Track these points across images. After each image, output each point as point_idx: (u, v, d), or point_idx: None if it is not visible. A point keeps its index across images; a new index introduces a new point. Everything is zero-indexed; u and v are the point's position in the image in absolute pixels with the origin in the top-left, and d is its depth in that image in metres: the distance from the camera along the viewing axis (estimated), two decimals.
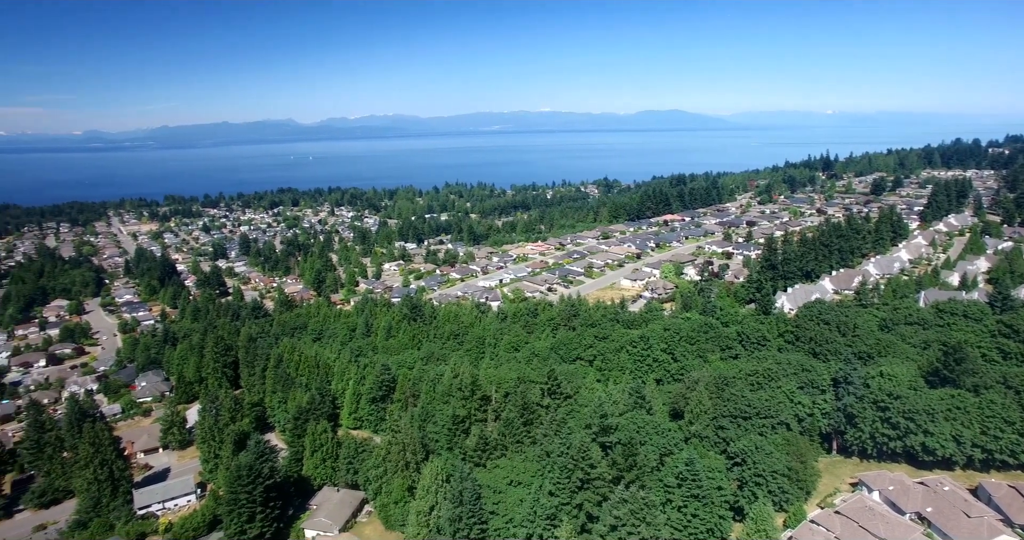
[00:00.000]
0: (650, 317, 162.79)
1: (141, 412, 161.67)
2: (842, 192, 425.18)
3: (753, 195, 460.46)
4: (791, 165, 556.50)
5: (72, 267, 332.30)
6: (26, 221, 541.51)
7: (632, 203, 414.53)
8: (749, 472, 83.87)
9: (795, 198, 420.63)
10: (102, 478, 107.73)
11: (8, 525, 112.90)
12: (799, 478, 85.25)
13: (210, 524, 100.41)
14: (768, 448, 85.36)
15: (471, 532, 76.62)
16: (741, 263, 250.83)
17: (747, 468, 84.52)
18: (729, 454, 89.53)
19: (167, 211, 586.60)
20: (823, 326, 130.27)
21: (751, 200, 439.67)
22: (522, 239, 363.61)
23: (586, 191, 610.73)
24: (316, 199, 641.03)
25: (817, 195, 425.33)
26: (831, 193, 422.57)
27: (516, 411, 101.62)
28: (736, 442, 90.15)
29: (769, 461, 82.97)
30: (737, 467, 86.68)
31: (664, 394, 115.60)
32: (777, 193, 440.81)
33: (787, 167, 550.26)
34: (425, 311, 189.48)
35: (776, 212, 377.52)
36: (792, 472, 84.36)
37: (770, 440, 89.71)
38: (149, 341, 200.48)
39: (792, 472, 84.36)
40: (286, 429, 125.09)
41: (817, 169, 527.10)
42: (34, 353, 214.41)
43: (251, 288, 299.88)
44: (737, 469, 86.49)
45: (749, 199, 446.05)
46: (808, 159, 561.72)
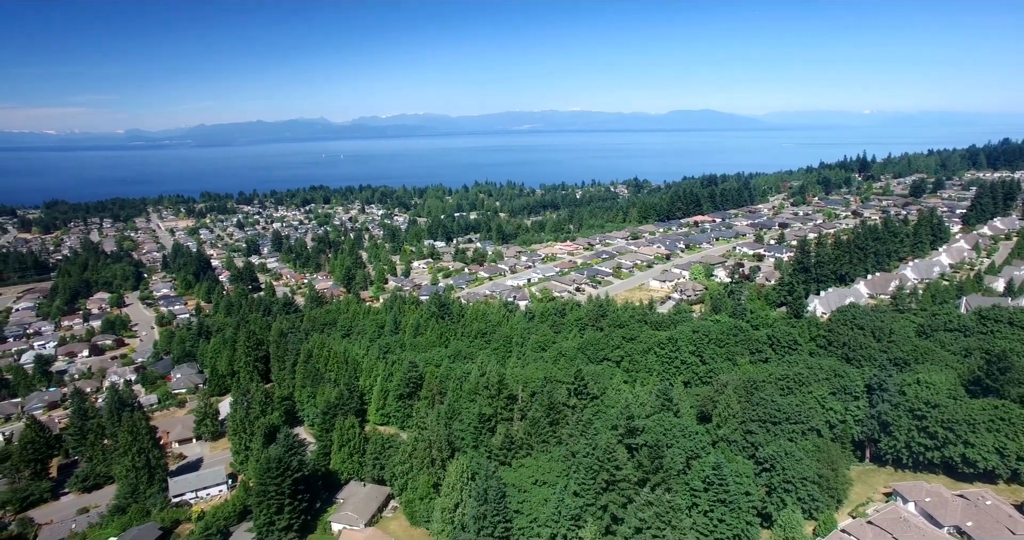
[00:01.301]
0: (679, 319, 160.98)
1: (176, 403, 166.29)
2: (879, 194, 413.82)
3: (786, 196, 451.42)
4: (826, 166, 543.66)
5: (114, 261, 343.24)
6: (72, 216, 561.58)
7: (662, 203, 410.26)
8: (778, 478, 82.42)
9: (830, 200, 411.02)
10: (139, 466, 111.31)
11: (55, 507, 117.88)
12: (830, 486, 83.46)
13: (240, 514, 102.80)
14: (798, 454, 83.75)
15: (495, 530, 76.93)
16: (773, 265, 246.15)
17: (776, 474, 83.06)
18: (758, 459, 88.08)
19: (203, 208, 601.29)
20: (857, 331, 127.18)
21: (784, 201, 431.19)
22: (551, 239, 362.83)
23: (616, 191, 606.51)
24: (347, 197, 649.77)
25: (853, 197, 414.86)
26: (867, 195, 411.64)
27: (542, 411, 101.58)
28: (765, 447, 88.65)
29: (799, 467, 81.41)
30: (765, 473, 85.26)
31: (692, 397, 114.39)
32: (811, 194, 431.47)
33: (822, 168, 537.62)
34: (453, 309, 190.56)
35: (809, 214, 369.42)
36: (823, 479, 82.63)
37: (800, 446, 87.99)
38: (184, 334, 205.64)
39: (823, 479, 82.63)
40: (315, 423, 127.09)
41: (853, 170, 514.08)
42: (78, 343, 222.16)
43: (283, 284, 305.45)
44: (765, 475, 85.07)
45: (782, 200, 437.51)
46: (844, 160, 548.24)
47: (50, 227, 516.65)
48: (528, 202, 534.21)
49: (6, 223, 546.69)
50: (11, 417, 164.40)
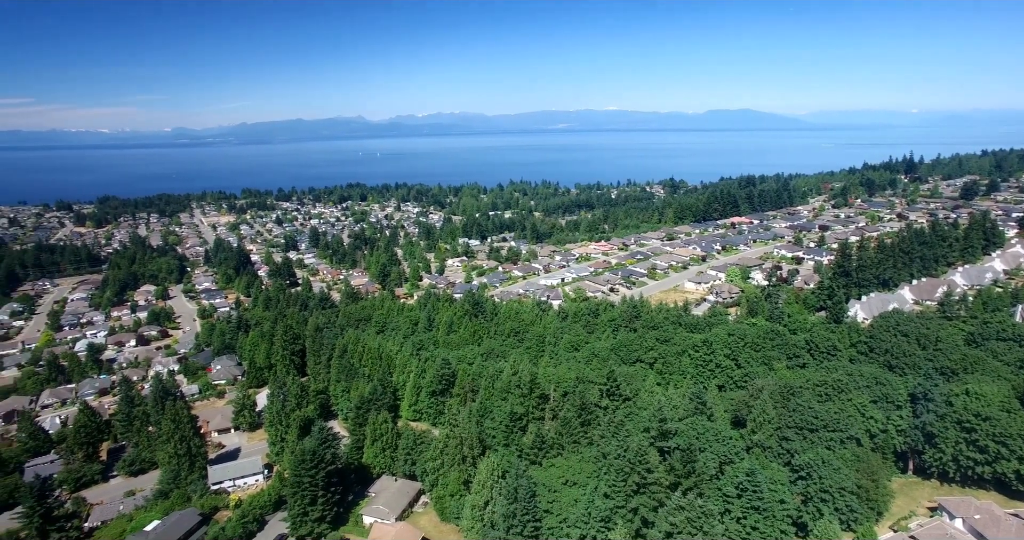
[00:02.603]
0: (714, 321, 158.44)
1: (216, 394, 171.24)
2: (927, 196, 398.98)
3: (827, 198, 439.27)
4: (870, 167, 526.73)
5: (159, 255, 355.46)
6: (123, 211, 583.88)
7: (698, 204, 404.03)
8: (814, 487, 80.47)
9: (873, 202, 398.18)
10: (181, 453, 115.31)
11: (104, 489, 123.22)
12: (869, 497, 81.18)
13: (275, 503, 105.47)
14: (836, 463, 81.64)
15: (524, 529, 77.14)
16: (812, 269, 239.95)
17: (812, 483, 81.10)
18: (793, 467, 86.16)
19: (244, 204, 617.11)
20: (901, 338, 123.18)
21: (825, 203, 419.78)
22: (585, 238, 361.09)
23: (651, 191, 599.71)
24: (383, 195, 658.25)
25: (898, 199, 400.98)
26: (914, 197, 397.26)
27: (574, 411, 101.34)
28: (801, 455, 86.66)
29: (837, 477, 79.33)
30: (801, 481, 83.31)
31: (726, 401, 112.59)
32: (853, 196, 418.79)
33: (865, 169, 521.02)
34: (486, 308, 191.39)
35: (852, 216, 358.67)
36: (862, 490, 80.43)
37: (838, 455, 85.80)
38: (224, 327, 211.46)
39: (862, 490, 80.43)
40: (348, 417, 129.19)
41: (899, 171, 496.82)
42: (126, 333, 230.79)
43: (319, 279, 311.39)
44: (801, 483, 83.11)
45: (823, 202, 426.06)
46: (889, 161, 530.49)
47: (102, 221, 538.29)
48: (563, 201, 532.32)
49: (63, 217, 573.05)
50: (66, 402, 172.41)
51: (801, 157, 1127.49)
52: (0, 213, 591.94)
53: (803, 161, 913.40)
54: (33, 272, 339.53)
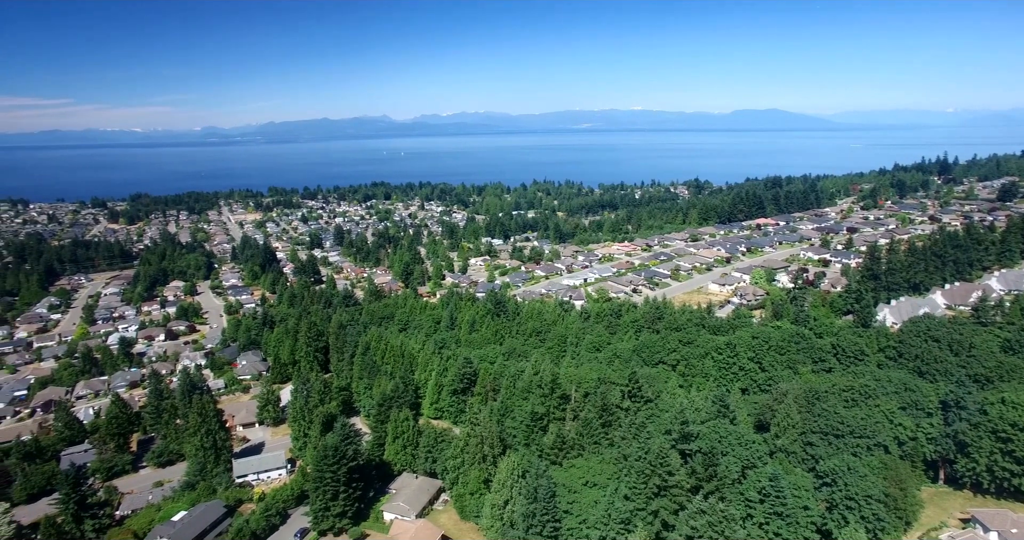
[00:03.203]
0: (738, 324, 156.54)
1: (241, 388, 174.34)
2: (961, 198, 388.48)
3: (856, 200, 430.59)
4: (901, 168, 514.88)
5: (188, 252, 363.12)
6: (154, 209, 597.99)
7: (723, 205, 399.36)
8: (840, 494, 78.98)
9: (904, 204, 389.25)
10: (207, 446, 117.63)
11: (135, 478, 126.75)
12: (897, 506, 79.41)
13: (298, 498, 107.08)
14: (862, 470, 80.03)
15: (544, 529, 77.14)
16: (839, 272, 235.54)
17: (837, 489, 79.62)
18: (818, 473, 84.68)
19: (270, 202, 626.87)
20: (932, 343, 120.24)
21: (853, 205, 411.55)
22: (608, 239, 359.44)
23: (676, 192, 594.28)
24: (407, 193, 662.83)
25: (930, 201, 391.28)
26: (947, 199, 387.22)
27: (595, 412, 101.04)
28: (826, 461, 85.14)
29: (863, 484, 77.76)
30: (826, 487, 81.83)
31: (749, 404, 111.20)
32: (883, 198, 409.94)
33: (896, 170, 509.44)
34: (509, 307, 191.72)
35: (881, 219, 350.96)
36: (889, 499, 78.69)
37: (865, 462, 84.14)
38: (250, 323, 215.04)
39: (889, 499, 78.69)
40: (370, 414, 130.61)
41: (932, 173, 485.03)
42: (156, 328, 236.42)
43: (343, 277, 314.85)
44: (826, 489, 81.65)
45: (851, 204, 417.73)
46: (922, 162, 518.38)
47: (134, 218, 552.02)
48: (586, 201, 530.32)
49: (98, 214, 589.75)
50: (99, 393, 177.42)
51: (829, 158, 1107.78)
52: (40, 210, 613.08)
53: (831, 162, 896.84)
54: (70, 267, 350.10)
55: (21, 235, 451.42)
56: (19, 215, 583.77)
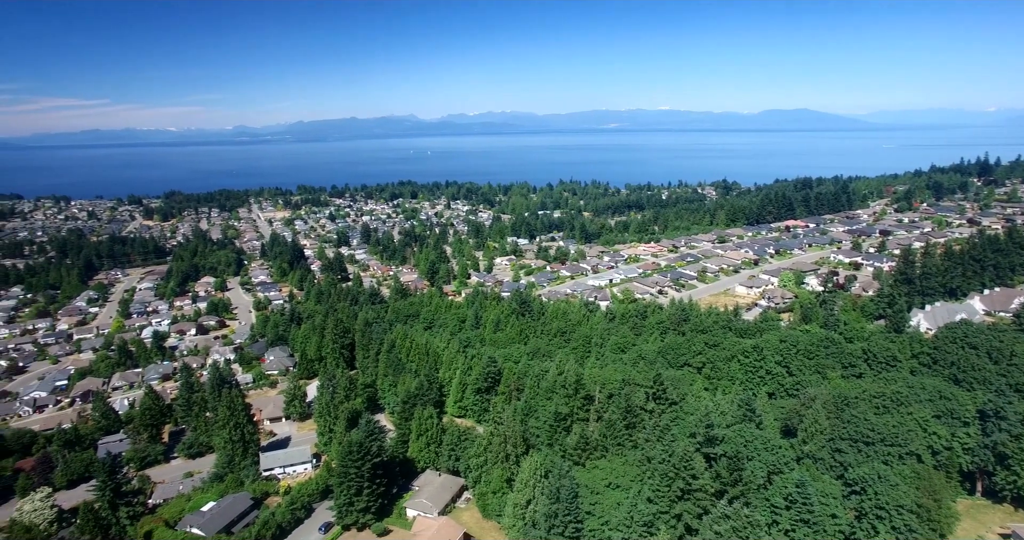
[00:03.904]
0: (765, 327, 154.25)
1: (268, 383, 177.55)
2: (1003, 200, 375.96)
3: (889, 202, 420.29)
4: (937, 169, 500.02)
5: (219, 248, 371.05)
6: (186, 206, 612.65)
7: (751, 207, 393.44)
8: (869, 503, 77.26)
9: (940, 206, 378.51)
10: (235, 439, 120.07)
11: (166, 468, 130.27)
12: (931, 517, 77.17)
13: (323, 492, 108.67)
14: (893, 479, 78.14)
15: (566, 530, 77.05)
16: (871, 275, 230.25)
17: (867, 498, 77.90)
18: (847, 480, 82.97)
19: (299, 200, 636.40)
20: (969, 350, 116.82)
21: (886, 207, 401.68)
22: (634, 239, 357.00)
23: (703, 193, 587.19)
24: (433, 192, 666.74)
25: (969, 203, 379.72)
26: (988, 201, 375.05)
27: (619, 413, 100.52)
28: (855, 468, 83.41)
29: (894, 493, 75.95)
30: (855, 495, 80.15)
31: (776, 409, 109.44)
32: (918, 200, 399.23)
33: (932, 171, 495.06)
34: (534, 307, 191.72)
35: (916, 221, 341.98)
36: (922, 509, 76.60)
37: (896, 470, 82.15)
38: (278, 319, 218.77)
39: (922, 509, 76.60)
40: (395, 411, 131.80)
41: (971, 174, 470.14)
42: (187, 322, 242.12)
43: (369, 275, 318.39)
44: (855, 498, 79.97)
45: (884, 206, 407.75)
46: (960, 163, 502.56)
47: (168, 215, 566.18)
48: (612, 202, 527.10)
49: (134, 211, 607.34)
50: (134, 385, 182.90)
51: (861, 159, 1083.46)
52: (81, 206, 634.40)
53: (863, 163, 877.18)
54: (107, 262, 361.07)
55: (63, 231, 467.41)
56: (61, 212, 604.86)
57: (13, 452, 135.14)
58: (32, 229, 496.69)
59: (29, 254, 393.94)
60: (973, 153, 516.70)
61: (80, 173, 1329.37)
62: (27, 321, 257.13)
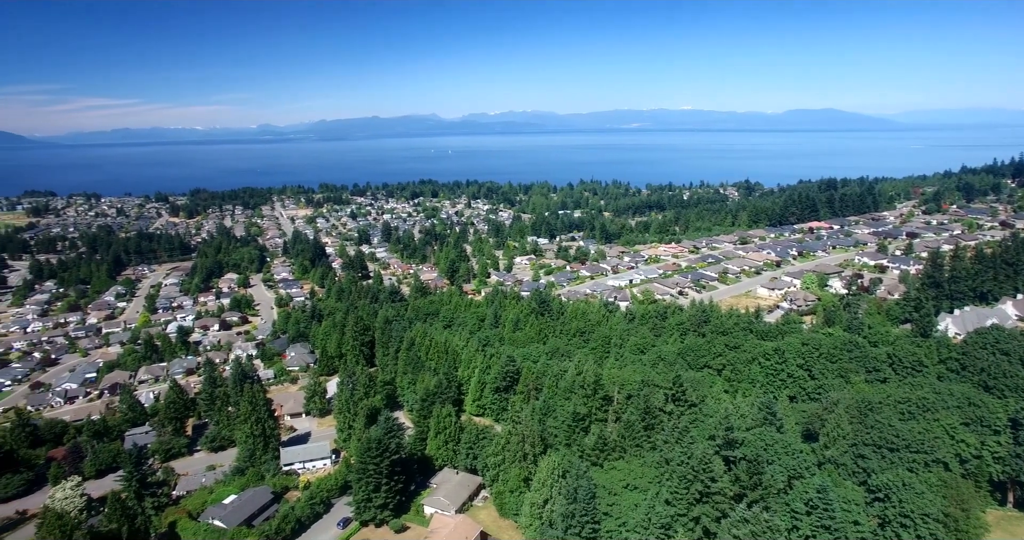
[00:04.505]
0: (787, 329, 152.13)
1: (289, 379, 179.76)
2: None
3: (917, 204, 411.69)
4: (969, 170, 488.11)
5: (242, 245, 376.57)
6: (211, 203, 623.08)
7: (774, 208, 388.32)
8: (893, 510, 75.80)
9: (971, 208, 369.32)
10: (257, 434, 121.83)
11: (189, 461, 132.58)
12: (958, 527, 75.45)
13: (341, 488, 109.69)
14: (919, 487, 76.52)
15: (583, 530, 76.91)
16: (897, 278, 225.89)
17: (891, 505, 76.43)
18: (870, 487, 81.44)
19: (320, 198, 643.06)
20: (1000, 356, 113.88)
21: (914, 209, 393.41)
22: (655, 240, 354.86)
23: (725, 193, 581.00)
24: (454, 191, 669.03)
25: (1002, 205, 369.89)
26: (1022, 203, 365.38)
27: (638, 414, 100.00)
28: (879, 475, 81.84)
29: (919, 501, 74.35)
30: (879, 502, 78.65)
31: (797, 413, 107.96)
32: (948, 202, 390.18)
33: (963, 173, 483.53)
34: (553, 306, 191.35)
35: (945, 223, 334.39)
36: (949, 518, 74.91)
37: (922, 478, 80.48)
38: (299, 316, 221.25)
39: (949, 518, 74.91)
40: (413, 409, 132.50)
41: (1004, 175, 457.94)
42: (211, 318, 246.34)
43: (390, 273, 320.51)
44: (878, 505, 78.49)
45: (912, 208, 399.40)
46: (993, 164, 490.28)
47: (193, 212, 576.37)
48: (633, 202, 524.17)
49: (160, 208, 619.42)
50: (159, 378, 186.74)
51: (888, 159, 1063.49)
52: (110, 204, 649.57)
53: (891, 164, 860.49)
54: (134, 258, 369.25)
55: (93, 227, 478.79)
56: (92, 208, 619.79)
57: (46, 441, 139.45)
58: (64, 225, 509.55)
59: (61, 250, 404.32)
60: (1007, 153, 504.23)
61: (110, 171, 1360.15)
62: (59, 314, 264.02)
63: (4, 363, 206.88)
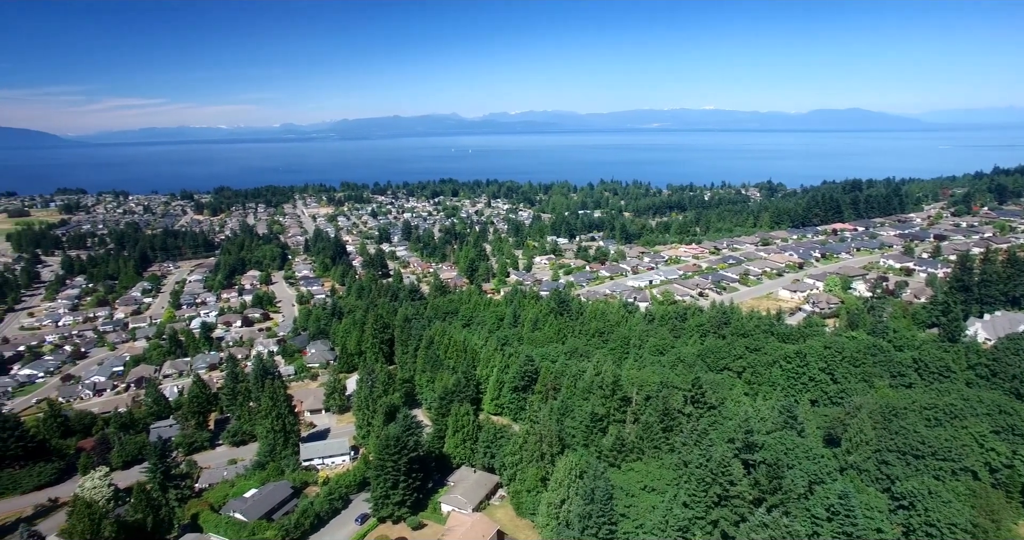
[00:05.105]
0: (809, 332, 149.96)
1: (309, 376, 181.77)
2: None
3: (945, 205, 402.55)
4: (1001, 171, 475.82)
5: (264, 243, 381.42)
6: (234, 201, 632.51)
7: (797, 209, 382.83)
8: (919, 519, 74.34)
9: (1003, 210, 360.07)
10: (277, 429, 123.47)
11: (211, 455, 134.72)
12: (988, 538, 73.56)
13: (360, 484, 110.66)
14: (946, 495, 74.97)
15: (599, 532, 76.70)
16: (924, 282, 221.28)
17: (916, 514, 74.99)
18: (894, 494, 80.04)
19: (342, 196, 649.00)
20: None
21: (942, 211, 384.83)
22: (675, 240, 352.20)
23: (747, 194, 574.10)
24: (474, 191, 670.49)
25: None
26: None
27: (656, 415, 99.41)
28: (903, 482, 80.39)
29: (946, 510, 72.79)
30: (903, 510, 77.25)
31: (819, 417, 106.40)
32: (978, 204, 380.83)
33: (995, 174, 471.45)
34: (572, 306, 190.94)
35: (975, 226, 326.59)
36: (978, 529, 72.96)
37: (949, 486, 78.78)
38: (320, 313, 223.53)
39: (978, 529, 72.96)
40: (432, 407, 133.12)
41: None
42: (233, 314, 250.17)
43: (409, 272, 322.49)
44: (903, 513, 77.08)
45: (940, 210, 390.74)
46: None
47: (217, 210, 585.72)
48: (653, 202, 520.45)
49: (185, 206, 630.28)
50: (183, 373, 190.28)
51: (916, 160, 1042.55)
52: (138, 201, 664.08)
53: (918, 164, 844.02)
54: (160, 255, 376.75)
55: (121, 224, 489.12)
56: (120, 206, 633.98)
57: (76, 432, 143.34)
58: (94, 222, 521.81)
59: (91, 246, 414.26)
60: None
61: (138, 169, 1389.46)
62: (89, 309, 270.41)
63: (38, 355, 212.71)
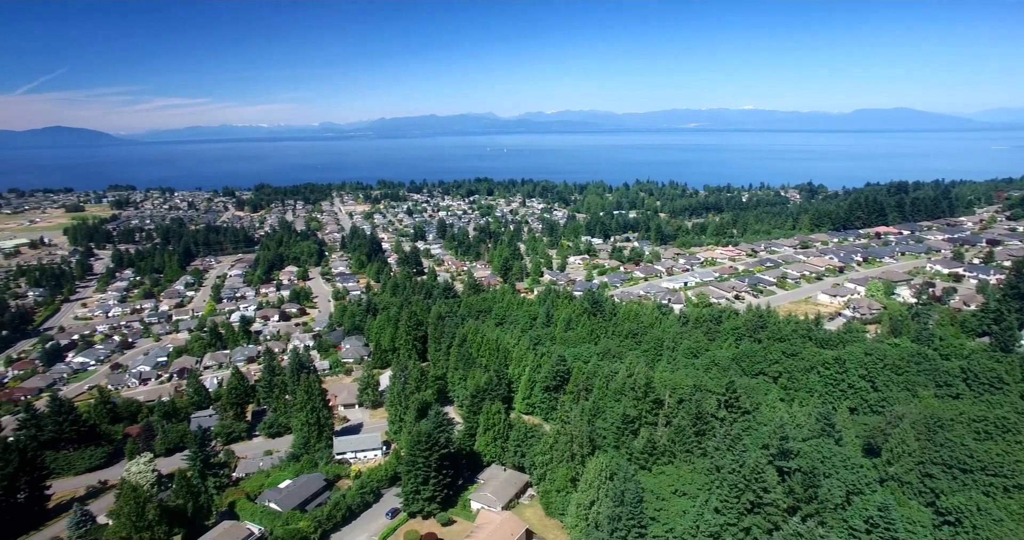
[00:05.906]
0: (849, 338, 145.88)
1: (344, 371, 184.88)
2: None
3: (1000, 209, 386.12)
4: None
5: (302, 239, 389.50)
6: (274, 198, 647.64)
7: (838, 211, 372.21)
8: (965, 536, 71.43)
9: None
10: (311, 422, 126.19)
11: (248, 445, 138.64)
12: None
13: (391, 479, 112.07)
14: (996, 513, 71.87)
15: (629, 534, 76.18)
16: (974, 288, 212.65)
17: (962, 531, 72.13)
18: (938, 509, 77.22)
19: (378, 194, 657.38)
20: None
21: (996, 214, 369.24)
22: (711, 242, 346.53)
23: (786, 196, 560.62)
24: (509, 190, 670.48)
25: None
26: None
27: (689, 419, 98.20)
28: (949, 497, 77.53)
29: (997, 529, 69.74)
30: (948, 526, 74.43)
31: (858, 426, 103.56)
32: None
33: None
34: (606, 307, 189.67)
35: None
36: None
37: (1000, 504, 75.64)
38: (355, 309, 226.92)
39: None
40: (463, 405, 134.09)
41: None
42: (271, 309, 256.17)
43: (444, 270, 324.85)
44: (948, 529, 74.26)
45: (994, 213, 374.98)
46: None
47: (257, 207, 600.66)
48: (690, 203, 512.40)
49: (227, 202, 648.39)
50: (222, 365, 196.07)
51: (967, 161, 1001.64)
52: (182, 198, 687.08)
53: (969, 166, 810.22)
54: (203, 249, 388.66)
55: (167, 220, 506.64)
56: (166, 202, 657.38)
57: (123, 418, 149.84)
58: (142, 217, 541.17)
59: (139, 240, 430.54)
60: None
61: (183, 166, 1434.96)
62: (136, 301, 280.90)
63: (89, 344, 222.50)
